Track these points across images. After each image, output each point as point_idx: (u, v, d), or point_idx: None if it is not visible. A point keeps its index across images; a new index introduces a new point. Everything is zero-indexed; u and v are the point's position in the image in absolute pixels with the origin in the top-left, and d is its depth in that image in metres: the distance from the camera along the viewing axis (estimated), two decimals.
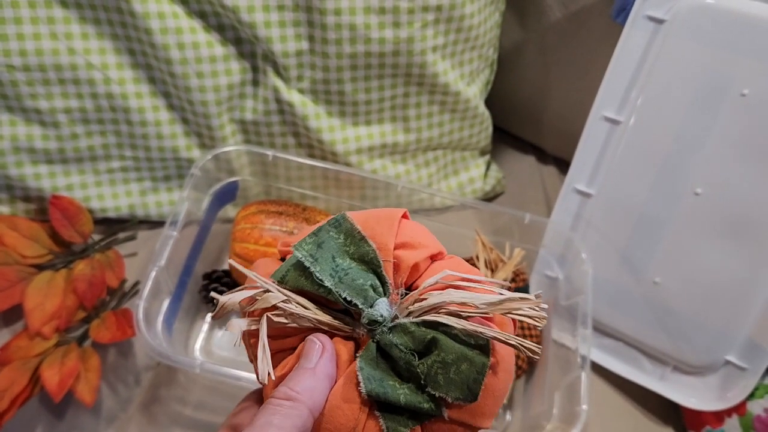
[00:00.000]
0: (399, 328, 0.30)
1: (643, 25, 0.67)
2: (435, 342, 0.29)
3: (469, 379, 0.28)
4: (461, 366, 0.28)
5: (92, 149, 0.72)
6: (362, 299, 0.30)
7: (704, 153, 0.66)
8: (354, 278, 0.30)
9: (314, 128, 0.73)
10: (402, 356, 0.29)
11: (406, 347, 0.29)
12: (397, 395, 0.29)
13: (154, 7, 0.63)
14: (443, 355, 0.28)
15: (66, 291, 0.68)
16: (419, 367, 0.29)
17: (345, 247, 0.31)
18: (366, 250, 0.31)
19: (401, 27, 0.67)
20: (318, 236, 0.31)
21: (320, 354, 0.29)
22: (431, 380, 0.28)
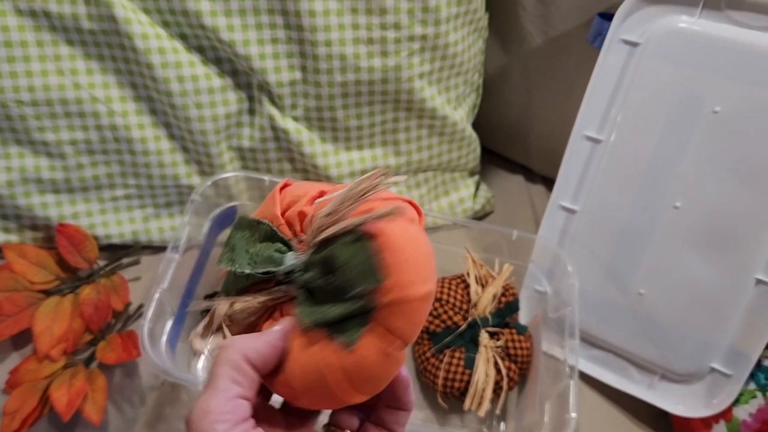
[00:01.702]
0: (308, 266, 0.33)
1: (619, 49, 0.70)
2: (329, 257, 0.32)
3: (367, 265, 0.31)
4: (355, 260, 0.31)
5: (97, 178, 0.75)
6: (273, 264, 0.33)
7: (681, 168, 0.69)
8: (262, 254, 0.34)
9: (309, 153, 0.76)
10: (319, 282, 0.32)
11: (319, 275, 0.32)
12: (334, 313, 0.32)
13: (154, 43, 0.67)
14: (340, 261, 0.31)
15: (73, 315, 0.70)
16: (333, 282, 0.32)
17: (251, 238, 0.35)
18: (263, 227, 0.35)
19: (389, 56, 0.70)
20: (230, 243, 0.35)
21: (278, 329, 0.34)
22: (346, 285, 0.31)
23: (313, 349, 0.32)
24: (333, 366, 0.32)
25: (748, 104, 0.65)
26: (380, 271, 0.31)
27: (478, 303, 0.73)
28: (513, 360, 0.72)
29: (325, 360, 0.32)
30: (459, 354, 0.70)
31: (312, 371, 0.32)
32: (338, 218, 0.32)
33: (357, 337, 0.32)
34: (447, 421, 0.73)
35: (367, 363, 0.32)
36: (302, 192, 0.36)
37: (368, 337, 0.32)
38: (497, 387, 0.70)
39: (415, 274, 0.31)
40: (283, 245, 0.34)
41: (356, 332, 0.32)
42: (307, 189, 0.36)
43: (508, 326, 0.73)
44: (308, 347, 0.32)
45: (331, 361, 0.32)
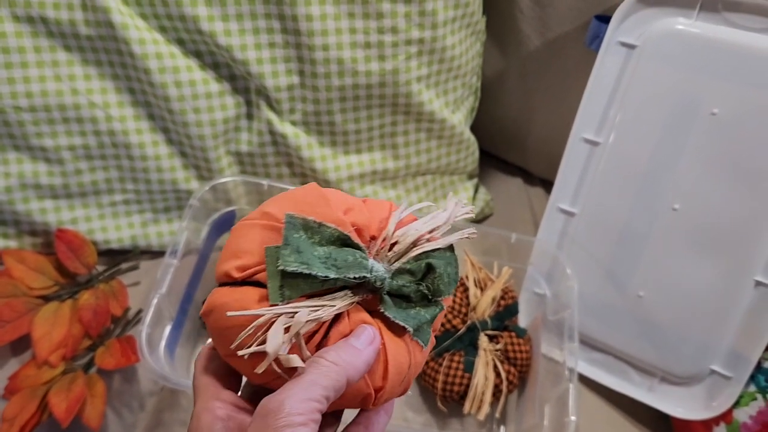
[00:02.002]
0: (398, 273, 0.35)
1: (616, 51, 0.70)
2: (430, 266, 0.35)
3: (454, 275, 0.36)
4: (448, 270, 0.35)
5: (95, 184, 0.75)
6: (363, 270, 0.33)
7: (679, 170, 0.69)
8: (342, 258, 0.33)
9: (307, 158, 0.76)
10: (411, 289, 0.35)
11: (410, 281, 0.35)
12: (425, 317, 0.35)
13: (151, 48, 0.67)
14: (439, 271, 0.35)
15: (72, 320, 0.70)
16: (426, 289, 0.35)
17: (311, 239, 0.33)
18: (330, 232, 0.34)
19: (386, 60, 0.70)
20: (290, 244, 0.32)
21: (369, 342, 0.33)
22: (436, 292, 0.35)
23: (404, 350, 0.35)
24: (415, 363, 0.35)
25: (745, 106, 0.65)
26: (458, 280, 0.37)
27: (477, 306, 0.72)
28: (512, 363, 0.72)
29: (411, 358, 0.35)
30: (458, 357, 0.70)
31: (402, 369, 0.35)
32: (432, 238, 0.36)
33: (429, 337, 0.36)
34: (447, 424, 0.73)
35: (423, 362, 0.37)
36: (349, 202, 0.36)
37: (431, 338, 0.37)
38: (497, 390, 0.70)
39: None
40: (359, 251, 0.34)
41: (428, 333, 0.36)
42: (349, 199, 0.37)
43: (507, 329, 0.73)
44: (399, 347, 0.35)
45: (415, 360, 0.35)
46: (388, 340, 0.34)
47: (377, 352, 0.33)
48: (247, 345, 0.31)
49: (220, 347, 0.34)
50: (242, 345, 0.31)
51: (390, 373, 0.34)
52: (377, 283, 0.34)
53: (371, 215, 0.36)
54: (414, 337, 0.35)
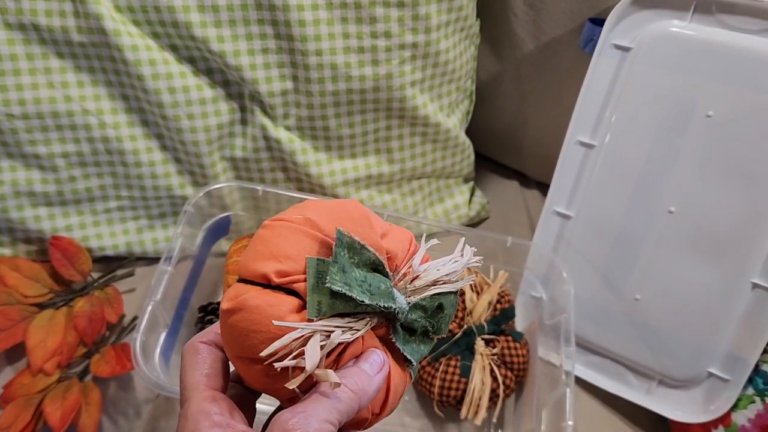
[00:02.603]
0: (413, 308, 0.35)
1: (611, 54, 0.70)
2: (441, 306, 0.36)
3: (452, 316, 0.38)
4: (450, 312, 0.37)
5: (90, 191, 0.75)
6: (391, 300, 0.34)
7: (675, 172, 0.68)
8: (376, 285, 0.33)
9: (302, 163, 0.76)
10: (420, 324, 0.36)
11: (422, 317, 0.36)
12: (424, 352, 0.37)
13: (144, 55, 0.67)
14: (447, 312, 0.37)
15: (67, 328, 0.70)
16: (431, 326, 0.37)
17: (351, 259, 0.33)
18: (368, 256, 0.34)
19: (380, 64, 0.70)
20: (338, 262, 0.32)
21: (379, 369, 0.34)
22: (438, 330, 0.37)
23: (402, 380, 0.36)
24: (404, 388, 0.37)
25: (740, 108, 0.64)
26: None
27: (473, 310, 0.72)
28: (509, 367, 0.71)
29: (403, 385, 0.36)
30: (454, 362, 0.70)
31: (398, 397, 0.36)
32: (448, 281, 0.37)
33: (417, 370, 0.38)
34: (443, 429, 0.73)
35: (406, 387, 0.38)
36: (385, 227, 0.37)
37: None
38: (493, 395, 0.70)
39: None
40: (388, 279, 0.35)
41: (417, 367, 0.38)
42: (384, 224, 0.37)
43: (503, 333, 0.73)
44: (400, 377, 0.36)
45: (405, 385, 0.37)
46: (392, 368, 0.35)
47: (384, 379, 0.34)
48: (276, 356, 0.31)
49: (235, 347, 0.33)
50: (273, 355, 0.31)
51: (390, 400, 0.35)
52: (398, 314, 0.34)
53: (398, 245, 0.36)
54: (408, 369, 0.36)
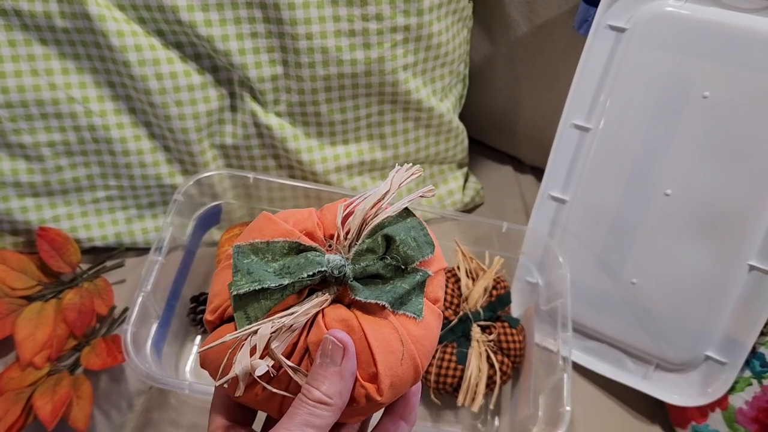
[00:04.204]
0: (357, 256, 0.34)
1: (606, 35, 0.69)
2: (387, 237, 0.34)
3: (422, 237, 0.35)
4: (411, 234, 0.34)
5: (77, 180, 0.73)
6: (318, 265, 0.33)
7: (671, 155, 0.68)
8: (296, 263, 0.33)
9: (293, 149, 0.75)
10: (377, 266, 0.34)
11: (373, 259, 0.34)
12: (403, 288, 0.34)
13: (130, 41, 0.65)
14: (399, 238, 0.33)
15: (56, 320, 0.69)
16: (393, 260, 0.34)
17: (263, 260, 0.34)
18: (278, 245, 0.34)
19: (371, 48, 0.69)
20: (240, 269, 0.33)
21: (342, 353, 0.32)
22: (407, 258, 0.34)
23: (387, 327, 0.33)
24: (411, 337, 0.33)
25: (737, 88, 0.64)
26: (432, 241, 0.35)
27: (469, 297, 0.71)
28: (506, 354, 0.71)
29: (404, 335, 0.33)
30: (451, 349, 0.69)
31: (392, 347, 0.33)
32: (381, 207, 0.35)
33: (422, 307, 0.34)
34: (440, 417, 0.72)
35: (432, 332, 0.35)
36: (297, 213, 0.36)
37: (427, 307, 0.35)
38: (490, 381, 0.69)
39: (440, 251, 0.37)
40: (313, 251, 0.34)
41: (419, 302, 0.34)
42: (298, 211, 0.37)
43: (500, 319, 0.72)
44: (381, 326, 0.33)
45: (409, 333, 0.33)
46: (366, 324, 0.33)
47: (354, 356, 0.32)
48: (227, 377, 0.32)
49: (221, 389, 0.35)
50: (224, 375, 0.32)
51: (377, 355, 0.32)
52: (337, 273, 0.33)
53: (324, 217, 0.36)
54: (399, 311, 0.34)
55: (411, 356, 0.33)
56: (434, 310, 0.35)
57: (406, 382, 0.34)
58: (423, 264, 0.34)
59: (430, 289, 0.35)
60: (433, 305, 0.35)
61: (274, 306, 0.33)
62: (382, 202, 0.35)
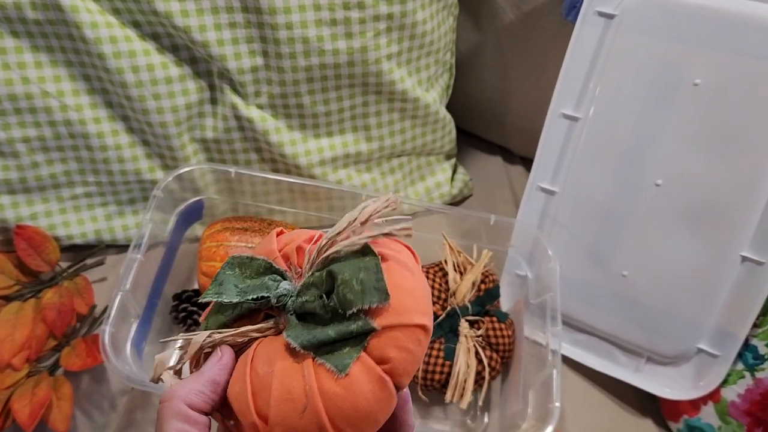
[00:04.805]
0: (303, 289, 0.32)
1: (594, 22, 0.67)
2: (330, 273, 0.31)
3: (372, 281, 0.30)
4: (359, 276, 0.30)
5: (54, 177, 0.71)
6: (266, 290, 0.32)
7: (662, 144, 0.66)
8: (255, 285, 0.33)
9: (275, 142, 0.73)
10: (315, 304, 0.31)
11: (315, 297, 0.31)
12: (326, 334, 0.30)
13: (105, 32, 0.63)
14: (341, 277, 0.30)
15: (35, 320, 0.67)
16: (332, 301, 0.30)
17: (242, 275, 0.34)
18: (258, 263, 0.34)
19: (354, 37, 0.67)
20: (217, 279, 0.34)
21: (215, 363, 0.32)
22: (345, 302, 0.30)
23: (297, 373, 0.30)
24: (322, 391, 0.29)
25: (728, 75, 0.62)
26: (385, 288, 0.30)
27: (456, 291, 0.70)
28: (494, 349, 0.69)
29: (311, 387, 0.29)
30: (438, 345, 0.68)
31: (292, 395, 0.30)
32: (342, 239, 0.32)
33: (351, 362, 0.29)
34: (429, 413, 0.71)
35: (360, 393, 0.29)
36: (296, 235, 0.36)
37: (362, 364, 0.29)
38: (479, 377, 0.68)
39: (417, 303, 0.31)
40: (279, 276, 0.33)
41: (350, 356, 0.29)
42: (301, 233, 0.36)
43: (488, 314, 0.71)
44: (291, 370, 0.30)
45: (321, 387, 0.29)
46: (281, 362, 0.30)
47: (225, 370, 0.32)
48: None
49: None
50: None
51: (273, 398, 0.30)
52: (277, 303, 0.32)
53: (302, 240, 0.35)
54: (319, 360, 0.30)
55: (315, 412, 0.29)
56: (374, 373, 0.29)
57: None
58: (371, 314, 0.30)
59: (376, 346, 0.30)
60: (376, 366, 0.30)
61: (229, 322, 0.33)
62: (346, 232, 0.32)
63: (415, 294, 0.31)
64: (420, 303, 0.31)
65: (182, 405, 0.31)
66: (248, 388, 0.30)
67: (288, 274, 0.33)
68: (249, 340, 0.33)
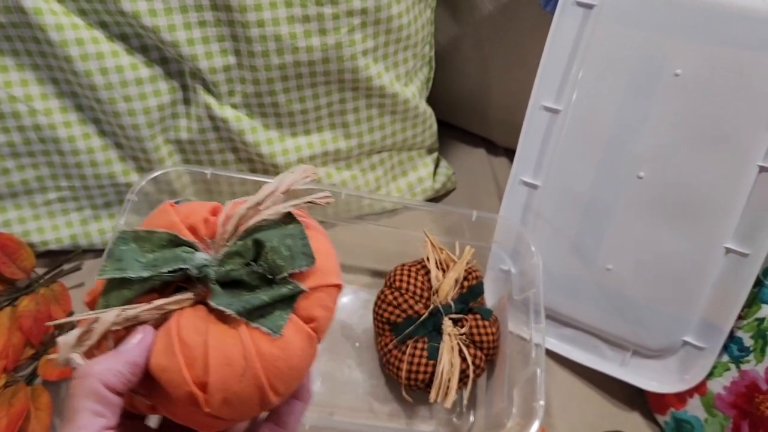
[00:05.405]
0: (225, 258, 0.33)
1: (573, 12, 0.66)
2: (257, 242, 0.32)
3: (299, 247, 0.32)
4: (286, 242, 0.32)
5: (26, 183, 0.70)
6: (180, 262, 0.32)
7: (644, 136, 0.65)
8: (166, 257, 0.32)
9: (252, 142, 0.71)
10: (242, 272, 0.32)
11: (241, 265, 0.32)
12: (260, 299, 0.31)
13: (71, 34, 0.61)
14: (270, 244, 0.32)
15: (11, 329, 0.66)
16: (260, 267, 0.32)
17: (142, 249, 0.33)
18: (159, 236, 0.33)
19: (328, 33, 0.66)
20: (113, 255, 0.32)
21: (136, 343, 0.31)
22: (275, 268, 0.31)
23: (233, 339, 0.31)
24: (260, 354, 0.31)
25: (709, 65, 0.61)
26: (311, 253, 0.32)
27: (439, 289, 0.69)
28: (479, 347, 0.69)
29: (249, 350, 0.31)
30: (422, 344, 0.67)
31: (232, 360, 0.31)
32: (263, 209, 0.33)
33: (284, 323, 0.31)
34: (414, 413, 0.71)
35: (291, 355, 0.32)
36: (194, 207, 0.35)
37: (293, 324, 0.32)
38: (463, 376, 0.67)
39: (334, 265, 0.34)
40: (188, 247, 0.33)
41: (282, 318, 0.32)
42: (200, 205, 0.35)
43: (472, 312, 0.70)
44: (227, 337, 0.31)
45: (258, 349, 0.31)
46: (214, 331, 0.31)
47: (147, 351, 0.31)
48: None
49: None
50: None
51: (212, 365, 0.30)
52: (199, 273, 0.32)
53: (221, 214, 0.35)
54: (254, 324, 0.31)
55: (254, 375, 0.31)
56: (304, 331, 0.32)
57: (248, 401, 0.31)
58: (297, 277, 0.32)
59: (304, 307, 0.32)
60: (304, 325, 0.32)
61: (135, 297, 0.32)
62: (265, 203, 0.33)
63: (331, 256, 0.34)
64: (336, 264, 0.35)
65: (98, 384, 0.29)
66: (180, 359, 0.31)
67: (199, 245, 0.33)
68: (165, 313, 0.32)
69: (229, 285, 0.32)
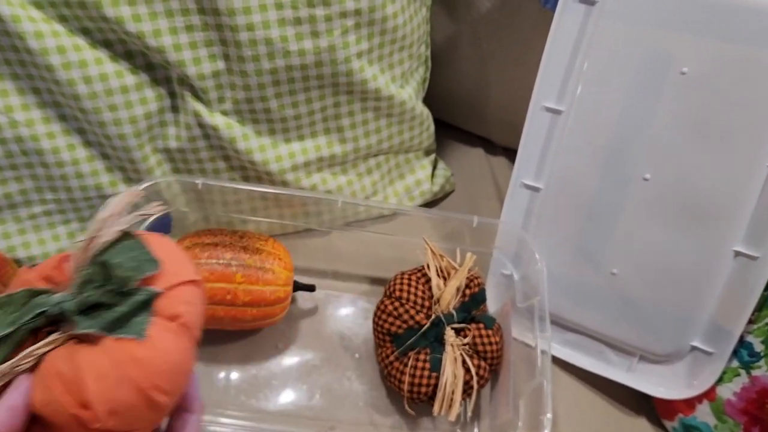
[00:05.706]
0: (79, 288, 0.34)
1: (574, 9, 0.64)
2: (103, 264, 0.34)
3: (142, 256, 0.35)
4: (130, 255, 0.35)
5: (9, 197, 0.67)
6: (39, 307, 0.34)
7: (649, 136, 0.63)
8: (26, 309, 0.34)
9: (243, 150, 0.69)
10: (97, 294, 0.34)
11: (95, 289, 0.34)
12: (119, 311, 0.34)
13: (51, 42, 0.59)
14: (114, 262, 0.34)
15: None
16: (112, 284, 0.34)
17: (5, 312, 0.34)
18: (17, 296, 0.34)
19: (320, 36, 0.63)
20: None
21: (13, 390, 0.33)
22: (125, 280, 0.34)
23: (102, 354, 0.33)
24: (134, 360, 0.33)
25: (717, 62, 0.59)
26: (153, 258, 0.35)
27: (440, 298, 0.67)
28: (482, 357, 0.67)
29: (119, 359, 0.33)
30: (424, 356, 0.65)
31: (105, 372, 0.32)
32: (99, 236, 0.35)
33: (146, 326, 0.34)
34: (418, 425, 0.69)
35: (166, 349, 0.34)
36: (48, 260, 0.38)
37: (156, 326, 0.34)
38: (467, 387, 0.65)
39: (183, 263, 0.37)
40: (45, 294, 0.35)
41: (143, 322, 0.34)
42: (54, 257, 0.38)
43: (474, 320, 0.68)
44: (95, 354, 0.33)
45: (132, 356, 0.33)
46: (83, 353, 0.33)
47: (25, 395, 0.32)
48: None
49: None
50: None
51: (88, 383, 0.32)
52: (57, 311, 0.34)
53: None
54: (116, 335, 0.33)
55: (130, 380, 0.33)
56: (170, 328, 0.35)
57: (135, 407, 0.33)
58: (147, 282, 0.35)
59: (164, 306, 0.35)
60: (170, 323, 0.35)
61: (8, 354, 0.33)
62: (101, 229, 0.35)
63: (178, 256, 0.37)
64: (185, 263, 0.37)
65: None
66: (57, 388, 0.32)
67: (55, 289, 0.35)
68: (38, 357, 0.34)
69: (91, 311, 0.34)
